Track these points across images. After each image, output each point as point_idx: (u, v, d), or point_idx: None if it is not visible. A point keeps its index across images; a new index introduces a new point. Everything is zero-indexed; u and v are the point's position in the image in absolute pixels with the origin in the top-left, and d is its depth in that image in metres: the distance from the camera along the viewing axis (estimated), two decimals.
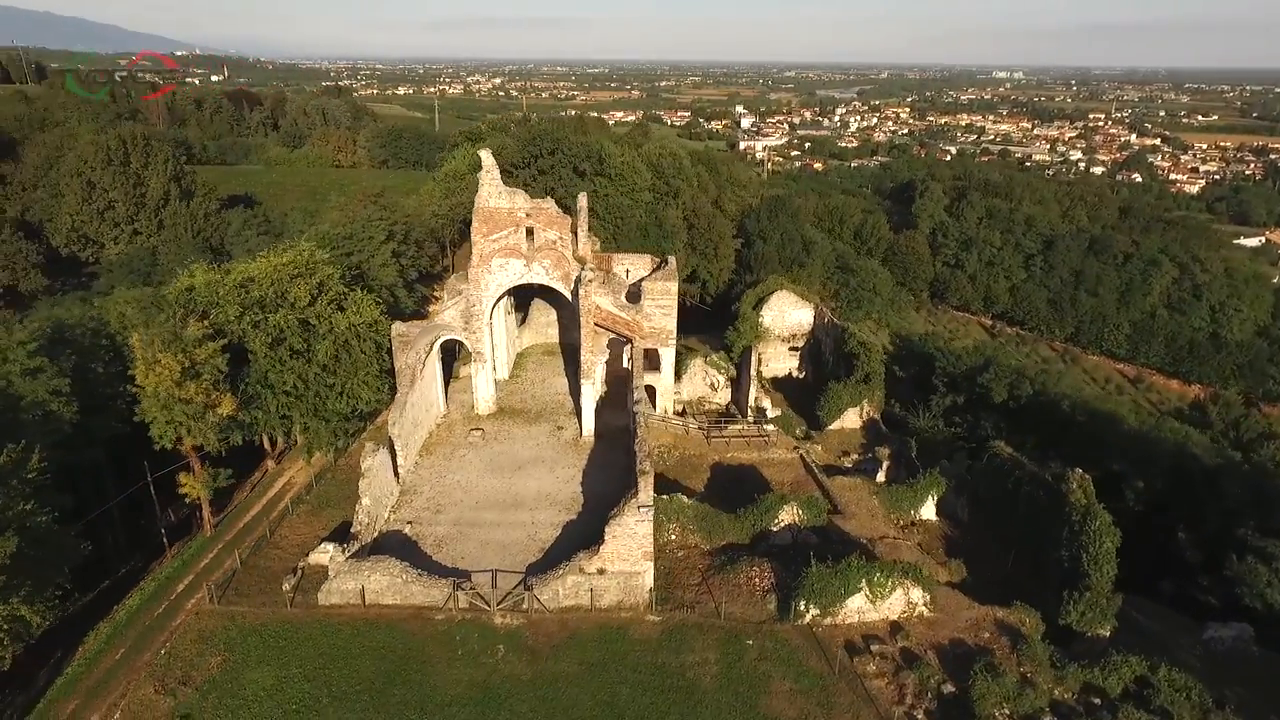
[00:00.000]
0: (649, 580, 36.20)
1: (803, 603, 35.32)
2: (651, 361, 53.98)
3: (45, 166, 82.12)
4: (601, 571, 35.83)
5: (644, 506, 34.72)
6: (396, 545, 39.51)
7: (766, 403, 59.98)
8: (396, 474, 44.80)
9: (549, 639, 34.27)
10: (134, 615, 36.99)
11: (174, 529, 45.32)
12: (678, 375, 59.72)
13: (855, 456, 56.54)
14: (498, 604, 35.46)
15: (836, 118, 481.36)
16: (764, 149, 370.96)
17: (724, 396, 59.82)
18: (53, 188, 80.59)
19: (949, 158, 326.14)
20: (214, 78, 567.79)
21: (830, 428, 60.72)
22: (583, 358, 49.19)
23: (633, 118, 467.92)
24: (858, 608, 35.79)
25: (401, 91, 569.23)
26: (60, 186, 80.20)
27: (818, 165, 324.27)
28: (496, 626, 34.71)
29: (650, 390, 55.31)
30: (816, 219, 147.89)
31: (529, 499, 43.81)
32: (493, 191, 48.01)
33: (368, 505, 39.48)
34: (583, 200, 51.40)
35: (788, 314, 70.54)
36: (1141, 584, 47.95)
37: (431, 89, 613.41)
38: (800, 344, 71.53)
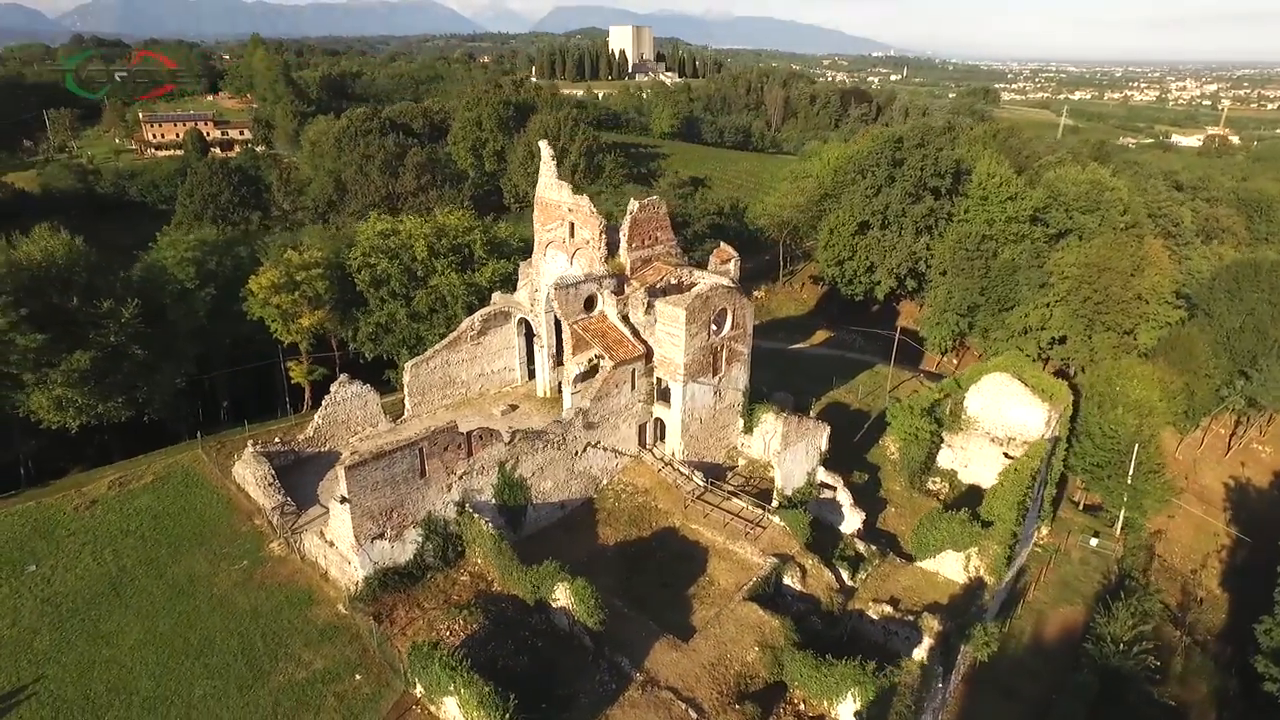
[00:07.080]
0: (358, 574, 35.40)
1: (409, 673, 30.35)
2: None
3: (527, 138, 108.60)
4: (331, 544, 36.64)
5: (343, 498, 34.14)
6: (322, 461, 46.13)
7: (842, 497, 45.92)
8: (402, 412, 50.92)
9: (271, 579, 37.31)
10: (194, 443, 51.68)
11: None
12: (749, 428, 49.97)
13: (892, 611, 40.16)
14: (282, 535, 39.62)
15: None
16: None
17: None
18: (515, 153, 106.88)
19: None
20: (893, 77, 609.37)
21: (923, 565, 43.69)
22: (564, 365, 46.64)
23: None
24: (454, 717, 28.99)
25: (1077, 96, 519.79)
26: (516, 153, 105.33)
27: None
28: (266, 551, 39.03)
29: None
30: None
31: None
32: (548, 183, 48.38)
33: (317, 423, 46.99)
34: (633, 204, 46.86)
35: (1005, 408, 50.90)
36: None
37: (1116, 94, 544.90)
38: (1018, 453, 50.84)
